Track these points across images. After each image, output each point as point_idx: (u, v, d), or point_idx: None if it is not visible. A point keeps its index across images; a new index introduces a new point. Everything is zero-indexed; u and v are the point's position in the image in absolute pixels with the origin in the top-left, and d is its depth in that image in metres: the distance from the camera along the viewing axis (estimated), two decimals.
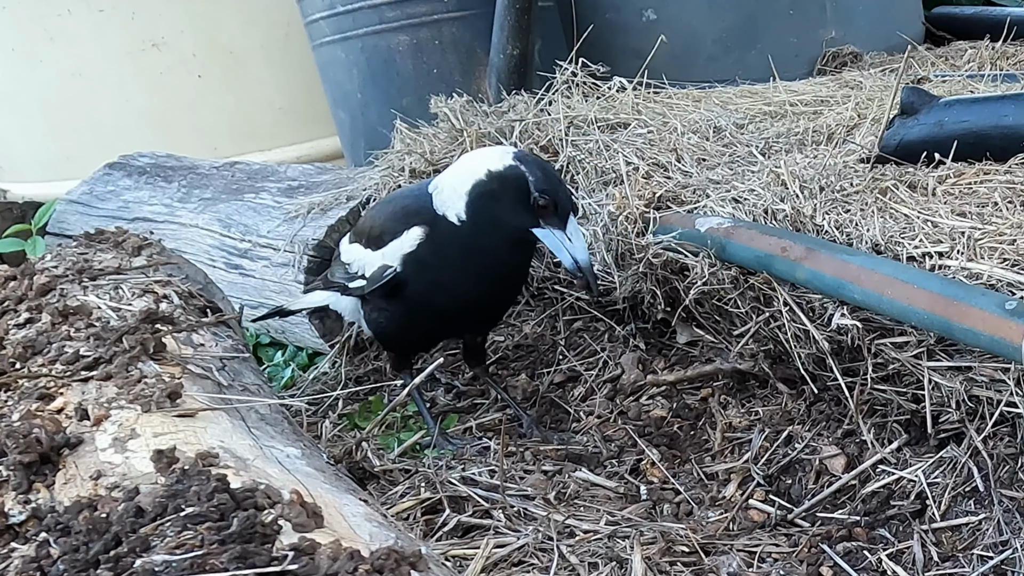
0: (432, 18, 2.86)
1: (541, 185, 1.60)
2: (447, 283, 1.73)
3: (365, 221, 1.85)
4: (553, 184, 1.62)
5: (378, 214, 1.82)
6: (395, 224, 1.73)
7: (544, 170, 1.64)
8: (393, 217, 1.75)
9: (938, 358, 1.44)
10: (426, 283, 1.73)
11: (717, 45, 3.21)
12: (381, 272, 1.74)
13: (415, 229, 1.70)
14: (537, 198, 1.60)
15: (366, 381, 2.15)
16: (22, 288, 1.53)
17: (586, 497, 1.64)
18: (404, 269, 1.72)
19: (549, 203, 1.60)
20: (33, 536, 0.91)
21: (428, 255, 1.70)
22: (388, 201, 1.88)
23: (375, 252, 1.76)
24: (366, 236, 1.80)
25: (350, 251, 1.84)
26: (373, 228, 1.79)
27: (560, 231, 1.62)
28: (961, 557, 1.39)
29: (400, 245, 1.72)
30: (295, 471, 1.09)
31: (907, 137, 1.79)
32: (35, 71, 3.50)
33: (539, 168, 1.63)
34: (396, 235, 1.72)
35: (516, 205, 1.62)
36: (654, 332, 2.04)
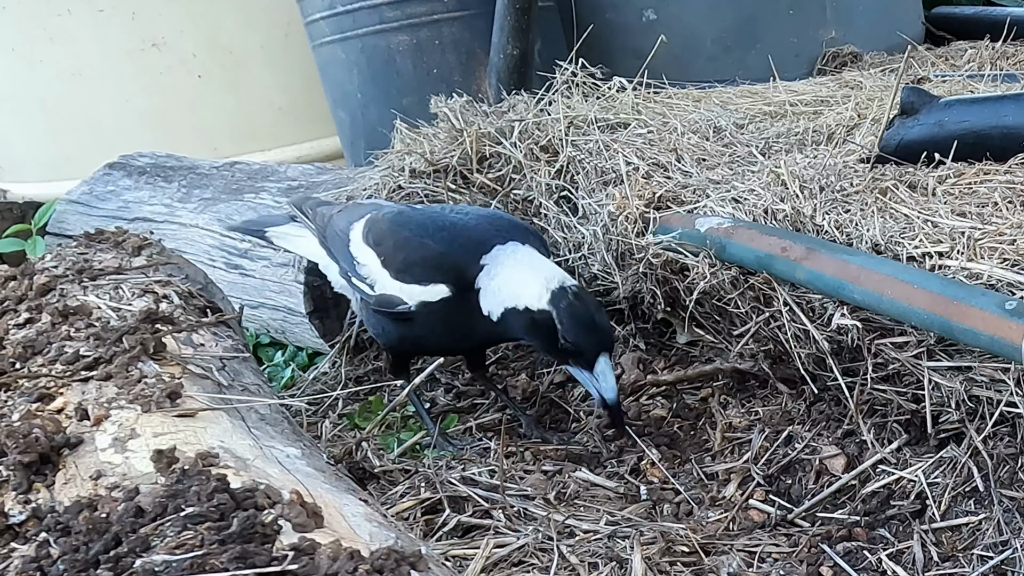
0: (432, 18, 2.86)
1: (568, 335, 1.62)
2: (450, 334, 1.76)
3: (388, 239, 1.76)
4: (580, 334, 1.63)
5: (407, 247, 1.74)
6: (424, 271, 1.71)
7: (574, 317, 1.62)
8: (423, 263, 1.71)
9: (938, 358, 1.44)
10: (430, 328, 1.75)
11: (717, 45, 3.21)
12: (393, 301, 1.74)
13: (441, 287, 1.70)
14: (563, 345, 1.63)
15: (366, 381, 2.15)
16: (22, 288, 1.53)
17: (586, 497, 1.64)
18: (416, 312, 1.73)
19: (574, 352, 1.64)
20: (33, 536, 0.91)
21: (445, 312, 1.71)
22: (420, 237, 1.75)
23: (393, 279, 1.74)
24: (387, 255, 1.75)
25: (364, 253, 1.79)
26: (397, 258, 1.74)
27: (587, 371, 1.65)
28: (961, 557, 1.39)
29: (421, 293, 1.71)
30: (295, 471, 1.09)
31: (907, 137, 1.79)
32: (35, 71, 3.50)
33: (569, 316, 1.62)
34: (420, 281, 1.71)
35: (544, 341, 1.67)
36: (654, 332, 2.04)
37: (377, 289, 1.76)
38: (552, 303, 1.63)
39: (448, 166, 2.19)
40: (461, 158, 2.19)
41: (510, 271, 1.68)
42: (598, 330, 1.65)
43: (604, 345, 1.65)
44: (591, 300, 1.69)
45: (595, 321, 1.65)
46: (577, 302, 1.64)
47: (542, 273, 1.68)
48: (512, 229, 1.78)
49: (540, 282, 1.66)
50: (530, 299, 1.65)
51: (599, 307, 1.70)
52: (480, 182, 2.17)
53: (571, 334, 1.62)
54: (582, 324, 1.64)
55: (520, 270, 1.68)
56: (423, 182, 2.20)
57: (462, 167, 2.19)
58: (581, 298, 1.65)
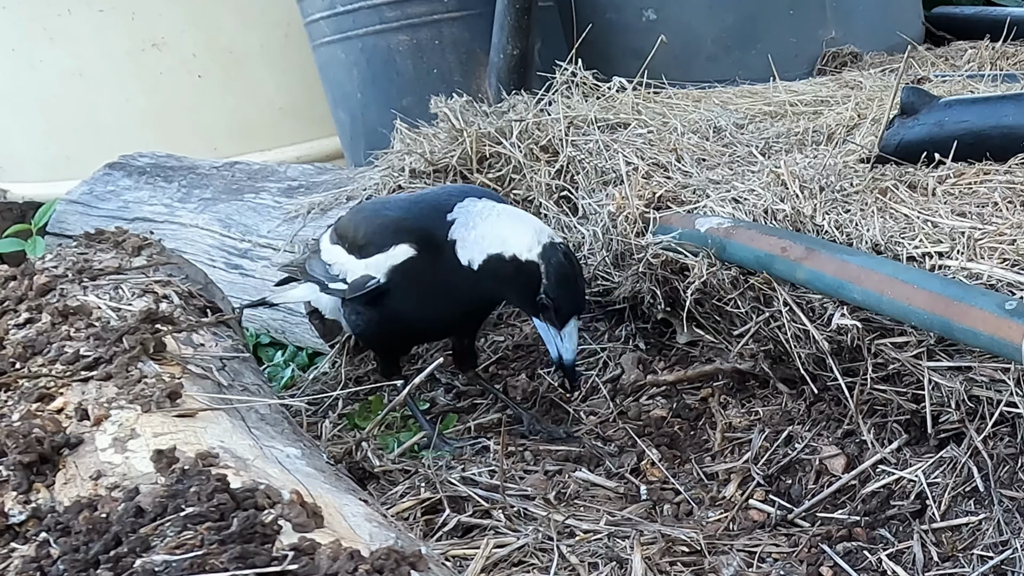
0: (432, 18, 2.86)
1: (550, 290, 1.64)
2: (428, 301, 1.76)
3: (349, 225, 1.83)
4: (561, 292, 1.65)
5: (365, 223, 1.80)
6: (383, 238, 1.74)
7: (560, 273, 1.65)
8: (382, 230, 1.75)
9: (938, 358, 1.44)
10: (406, 297, 1.76)
11: (717, 45, 3.21)
12: (364, 281, 1.76)
13: (403, 247, 1.72)
14: (542, 298, 1.65)
15: (366, 381, 2.15)
16: (22, 288, 1.53)
17: (586, 497, 1.64)
18: (389, 284, 1.74)
19: (551, 307, 1.66)
20: (33, 536, 0.91)
21: (413, 272, 1.73)
22: (375, 211, 1.84)
23: (359, 260, 1.77)
24: (349, 241, 1.80)
25: (332, 252, 1.83)
26: (358, 236, 1.78)
27: (555, 329, 1.68)
28: (961, 557, 1.39)
29: (386, 259, 1.73)
30: (295, 471, 1.09)
31: (907, 137, 1.79)
32: (35, 71, 3.50)
33: (556, 272, 1.64)
34: (382, 248, 1.73)
35: (523, 292, 1.68)
36: (654, 332, 2.04)
37: (349, 278, 1.79)
38: (543, 256, 1.65)
39: (448, 166, 2.19)
40: (461, 158, 2.19)
41: (494, 221, 1.70)
42: (578, 292, 1.69)
43: (580, 307, 1.70)
44: (577, 262, 1.72)
45: (576, 283, 1.68)
46: (566, 260, 1.66)
47: (532, 225, 1.70)
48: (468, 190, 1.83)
49: (531, 233, 1.67)
50: (519, 248, 1.66)
51: (580, 269, 1.73)
52: (480, 182, 2.17)
53: (554, 290, 1.65)
54: (566, 283, 1.66)
55: (506, 220, 1.70)
56: (423, 182, 2.20)
57: (462, 167, 2.19)
58: (569, 257, 1.68)
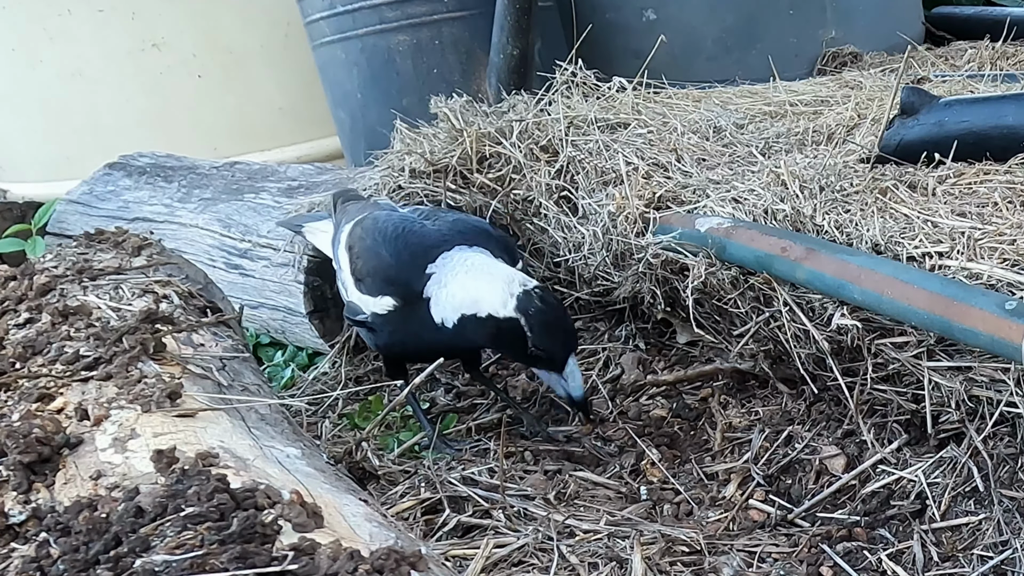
0: (432, 18, 2.86)
1: (538, 342, 1.60)
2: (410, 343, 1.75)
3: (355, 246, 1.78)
4: (550, 340, 1.61)
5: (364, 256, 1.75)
6: (373, 283, 1.72)
7: (544, 322, 1.59)
8: (374, 274, 1.72)
9: (938, 358, 1.44)
10: (392, 338, 1.76)
11: (717, 45, 3.21)
12: (356, 310, 1.77)
13: (387, 299, 1.70)
14: (532, 351, 1.61)
15: (366, 381, 2.15)
16: (22, 288, 1.53)
17: (586, 497, 1.64)
18: (373, 322, 1.75)
19: (544, 358, 1.63)
20: (33, 536, 0.91)
21: (395, 323, 1.72)
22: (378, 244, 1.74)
23: (354, 288, 1.76)
24: (353, 264, 1.77)
25: (343, 258, 1.82)
26: (358, 265, 1.76)
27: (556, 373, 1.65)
28: (961, 557, 1.39)
29: (373, 304, 1.73)
30: (295, 471, 1.09)
31: (907, 137, 1.79)
32: (35, 71, 3.50)
33: (540, 322, 1.59)
34: (371, 293, 1.72)
35: (511, 348, 1.66)
36: (654, 332, 2.04)
37: (348, 296, 1.80)
38: (519, 310, 1.59)
39: (448, 166, 2.19)
40: (461, 158, 2.18)
41: (463, 278, 1.64)
42: (568, 334, 1.64)
43: (572, 347, 1.65)
44: (555, 301, 1.66)
45: (563, 325, 1.63)
46: (544, 306, 1.60)
47: (500, 277, 1.62)
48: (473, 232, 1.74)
49: (501, 287, 1.61)
50: (492, 306, 1.60)
51: (562, 306, 1.68)
52: (480, 182, 2.17)
53: (542, 341, 1.60)
54: (552, 330, 1.60)
55: (474, 275, 1.64)
56: (423, 182, 2.20)
57: (462, 167, 2.19)
58: (546, 301, 1.61)
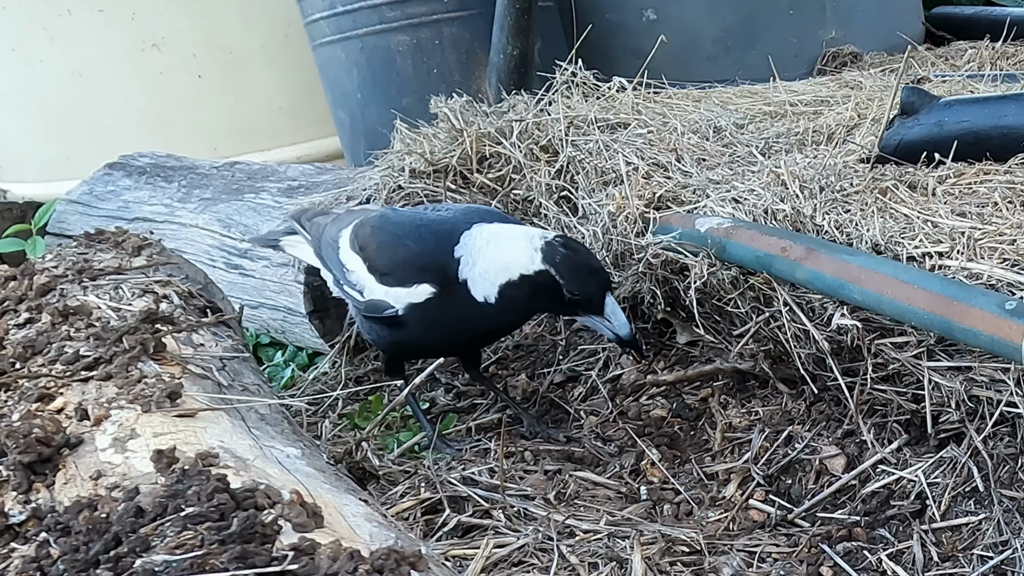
0: (432, 18, 2.86)
1: (572, 287, 1.62)
2: (445, 332, 1.75)
3: (370, 243, 1.77)
4: (583, 282, 1.63)
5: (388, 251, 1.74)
6: (405, 272, 1.70)
7: (574, 267, 1.62)
8: (404, 264, 1.71)
9: (938, 358, 1.44)
10: (423, 329, 1.74)
11: (717, 45, 3.21)
12: (381, 306, 1.74)
13: (424, 287, 1.69)
14: (569, 299, 1.63)
15: (366, 381, 2.15)
16: (22, 288, 1.53)
17: (586, 497, 1.64)
18: (405, 315, 1.72)
19: (582, 301, 1.64)
20: (33, 536, 0.91)
21: (433, 311, 1.70)
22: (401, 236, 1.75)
23: (378, 284, 1.73)
24: (370, 260, 1.75)
25: (351, 259, 1.80)
26: (378, 262, 1.74)
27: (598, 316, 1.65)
28: (961, 557, 1.39)
29: (407, 295, 1.70)
30: (295, 471, 1.09)
31: (907, 137, 1.79)
32: (35, 71, 3.50)
33: (568, 267, 1.62)
34: (403, 283, 1.70)
35: (551, 302, 1.67)
36: (654, 332, 2.04)
37: (366, 295, 1.76)
38: (546, 260, 1.62)
39: (448, 166, 2.19)
40: (461, 158, 2.18)
41: (487, 250, 1.66)
42: (598, 272, 1.66)
43: (607, 285, 1.66)
44: (578, 244, 1.68)
45: (592, 265, 1.65)
46: (569, 251, 1.63)
47: (520, 237, 1.66)
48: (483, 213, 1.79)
49: (524, 245, 1.64)
50: (522, 265, 1.63)
51: (586, 249, 1.69)
52: (480, 182, 2.17)
53: (575, 285, 1.62)
54: (583, 271, 1.63)
55: (496, 243, 1.67)
56: (423, 182, 2.20)
57: (462, 167, 2.19)
58: (570, 246, 1.64)
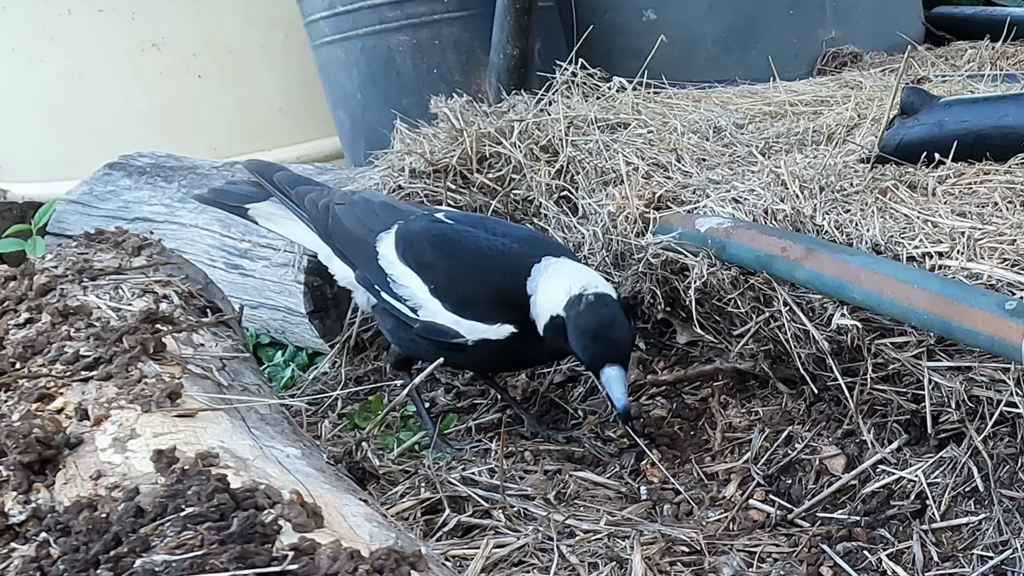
0: (432, 18, 2.86)
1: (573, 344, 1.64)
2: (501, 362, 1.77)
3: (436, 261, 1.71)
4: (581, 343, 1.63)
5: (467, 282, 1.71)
6: (488, 308, 1.68)
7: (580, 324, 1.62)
8: (487, 302, 1.69)
9: (938, 358, 1.44)
10: (483, 357, 1.75)
11: (717, 45, 3.21)
12: (447, 332, 1.70)
13: (507, 328, 1.68)
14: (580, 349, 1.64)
15: (366, 381, 2.15)
16: (22, 288, 1.53)
17: (586, 497, 1.64)
18: (473, 347, 1.71)
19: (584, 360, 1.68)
20: (33, 536, 0.91)
21: (503, 349, 1.71)
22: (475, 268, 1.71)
23: (449, 312, 1.69)
24: (436, 283, 1.70)
25: (401, 271, 1.73)
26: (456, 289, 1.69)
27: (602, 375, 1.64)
28: (961, 557, 1.39)
29: (485, 331, 1.69)
30: (295, 471, 1.09)
31: (907, 137, 1.79)
32: (35, 71, 3.50)
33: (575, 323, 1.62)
34: (484, 320, 1.69)
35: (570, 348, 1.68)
36: (654, 332, 2.04)
37: (423, 315, 1.71)
38: (566, 309, 1.62)
39: (448, 166, 2.19)
40: (461, 158, 2.18)
41: (545, 285, 1.67)
42: (599, 340, 1.61)
43: (607, 357, 1.61)
44: (604, 309, 1.62)
45: (598, 331, 1.61)
46: (586, 310, 1.60)
47: (567, 279, 1.66)
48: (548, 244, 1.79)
49: (564, 288, 1.64)
50: (555, 305, 1.64)
51: (613, 316, 1.63)
52: (480, 182, 2.17)
53: (575, 343, 1.62)
54: (584, 333, 1.61)
55: (552, 280, 1.67)
56: (423, 182, 2.20)
57: (462, 167, 2.19)
58: (593, 305, 1.60)
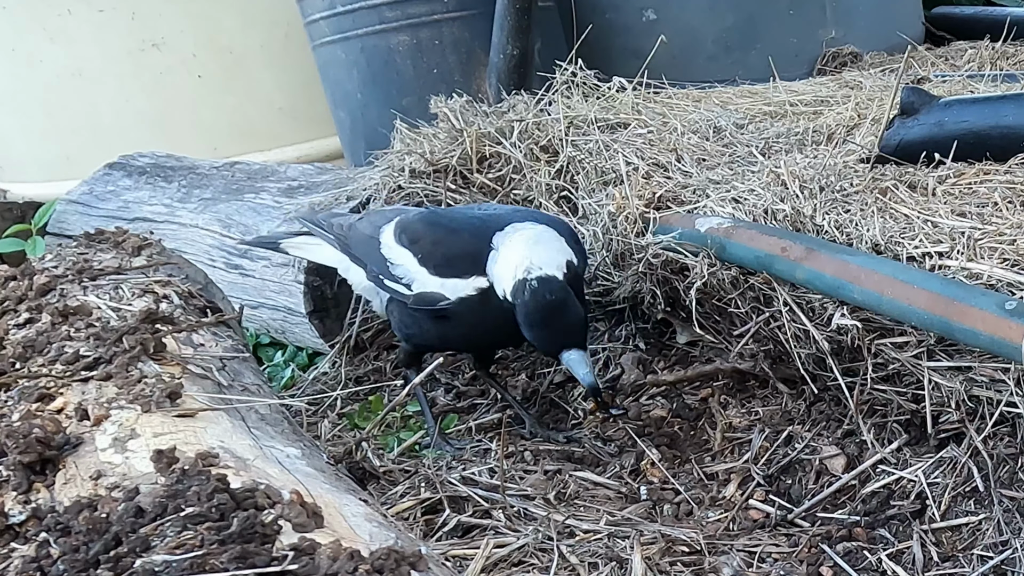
0: (432, 18, 2.86)
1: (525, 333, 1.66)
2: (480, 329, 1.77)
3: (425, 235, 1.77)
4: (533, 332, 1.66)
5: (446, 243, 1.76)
6: (462, 264, 1.72)
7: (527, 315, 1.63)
8: (463, 257, 1.73)
9: (938, 358, 1.44)
10: (465, 324, 1.76)
11: (717, 45, 3.21)
12: (435, 298, 1.74)
13: (479, 280, 1.70)
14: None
15: (366, 381, 2.15)
16: (22, 288, 1.53)
17: (586, 497, 1.64)
18: (456, 307, 1.73)
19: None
20: (33, 536, 0.91)
21: (477, 306, 1.72)
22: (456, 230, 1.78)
23: (432, 276, 1.74)
24: (423, 252, 1.76)
25: (398, 253, 1.79)
26: (436, 252, 1.75)
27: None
28: (961, 557, 1.39)
29: (463, 286, 1.72)
30: (295, 471, 1.09)
31: (907, 137, 1.79)
32: (35, 71, 3.50)
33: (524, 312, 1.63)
34: (459, 275, 1.72)
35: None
36: (654, 332, 2.04)
37: (415, 288, 1.76)
38: (512, 295, 1.63)
39: (448, 166, 2.19)
40: (461, 158, 2.19)
41: (500, 259, 1.68)
42: (549, 328, 1.60)
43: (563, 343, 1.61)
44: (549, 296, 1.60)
45: (545, 320, 1.60)
46: (531, 298, 1.59)
47: (515, 258, 1.64)
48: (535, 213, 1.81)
49: (511, 269, 1.63)
50: (505, 288, 1.65)
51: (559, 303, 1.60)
52: (480, 182, 2.17)
53: (525, 332, 1.63)
54: (533, 324, 1.62)
55: (505, 253, 1.67)
56: (423, 182, 2.20)
57: (462, 167, 2.19)
58: (537, 291, 1.59)
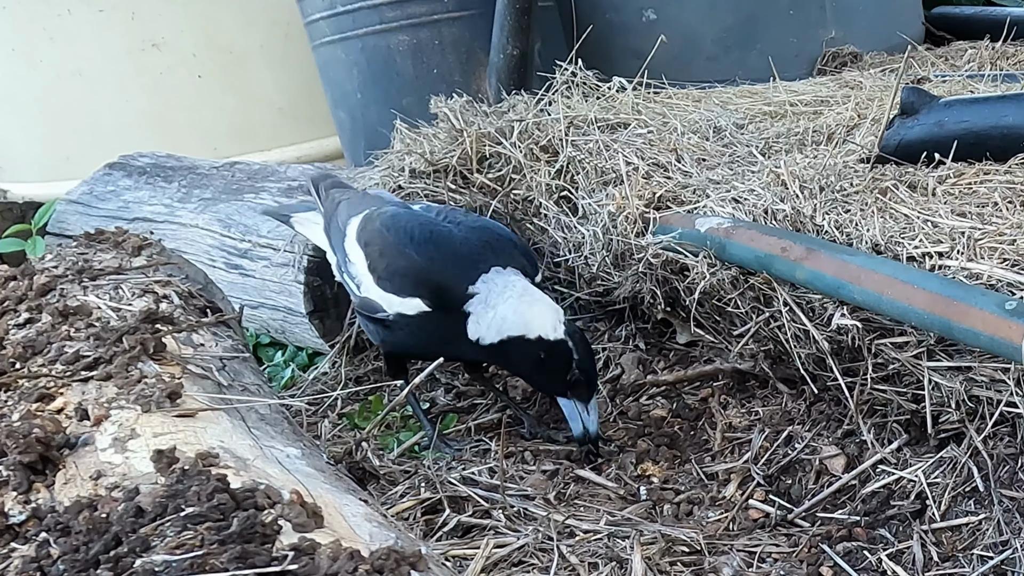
0: (432, 18, 2.86)
1: (583, 364, 1.68)
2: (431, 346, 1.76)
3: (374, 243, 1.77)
4: (590, 364, 1.70)
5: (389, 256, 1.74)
6: (402, 282, 1.72)
7: (587, 348, 1.70)
8: (402, 274, 1.72)
9: (938, 358, 1.44)
10: (411, 338, 1.77)
11: (717, 45, 3.21)
12: (374, 307, 1.76)
13: (417, 302, 1.71)
14: (575, 374, 1.68)
15: (366, 381, 2.15)
16: (22, 288, 1.53)
17: (586, 497, 1.64)
18: (394, 321, 1.75)
19: (583, 381, 1.69)
20: (33, 536, 0.91)
21: (423, 326, 1.73)
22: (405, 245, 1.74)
23: (375, 285, 1.75)
24: (372, 258, 1.76)
25: (354, 252, 1.81)
26: (379, 264, 1.75)
27: (582, 404, 1.70)
28: (961, 557, 1.39)
29: (400, 304, 1.72)
30: (295, 471, 1.09)
31: (907, 137, 1.79)
32: (35, 71, 3.50)
33: (583, 346, 1.69)
34: (398, 292, 1.72)
35: (552, 371, 1.70)
36: (654, 332, 2.04)
37: (362, 291, 1.78)
38: (568, 333, 1.68)
39: (448, 166, 2.19)
40: (461, 158, 2.19)
41: (515, 303, 1.69)
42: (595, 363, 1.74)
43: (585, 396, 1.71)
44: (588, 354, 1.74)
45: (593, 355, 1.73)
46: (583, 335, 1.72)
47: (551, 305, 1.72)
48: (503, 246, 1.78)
49: (553, 313, 1.70)
50: (545, 329, 1.67)
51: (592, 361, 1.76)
52: (480, 182, 2.17)
53: (584, 362, 1.68)
54: (591, 354, 1.71)
55: (528, 302, 1.70)
56: (423, 182, 2.20)
57: (462, 167, 2.19)
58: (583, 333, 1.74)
